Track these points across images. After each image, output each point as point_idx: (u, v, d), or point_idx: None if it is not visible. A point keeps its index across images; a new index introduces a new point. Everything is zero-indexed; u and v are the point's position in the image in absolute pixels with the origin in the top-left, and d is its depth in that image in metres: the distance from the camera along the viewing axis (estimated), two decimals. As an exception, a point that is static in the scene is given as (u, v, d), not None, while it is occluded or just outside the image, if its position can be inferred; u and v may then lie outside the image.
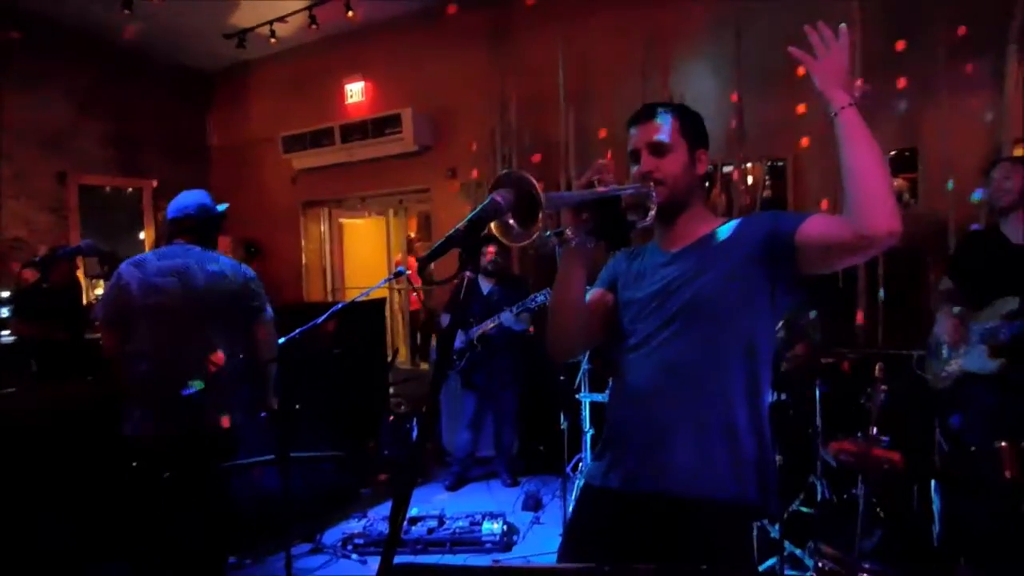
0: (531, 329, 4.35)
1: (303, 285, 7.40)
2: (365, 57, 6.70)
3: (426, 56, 6.27)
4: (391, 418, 5.03)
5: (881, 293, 4.36)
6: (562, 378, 3.48)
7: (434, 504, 4.19)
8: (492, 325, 4.32)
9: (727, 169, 4.90)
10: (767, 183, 4.94)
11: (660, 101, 1.70)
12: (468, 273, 1.18)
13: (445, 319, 4.73)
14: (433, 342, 5.55)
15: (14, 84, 6.21)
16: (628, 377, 1.65)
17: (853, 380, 3.61)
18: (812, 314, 3.45)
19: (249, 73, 7.50)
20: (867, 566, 1.13)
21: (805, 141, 4.62)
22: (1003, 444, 1.22)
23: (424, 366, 6.81)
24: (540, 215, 1.29)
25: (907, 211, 4.50)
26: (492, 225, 1.42)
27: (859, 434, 2.18)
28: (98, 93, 6.76)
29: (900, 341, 4.14)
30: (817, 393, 3.26)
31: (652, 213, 1.55)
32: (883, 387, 3.05)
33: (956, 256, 3.32)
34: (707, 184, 1.71)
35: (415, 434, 4.97)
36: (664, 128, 1.60)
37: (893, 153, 4.53)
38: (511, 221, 1.35)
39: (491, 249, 4.51)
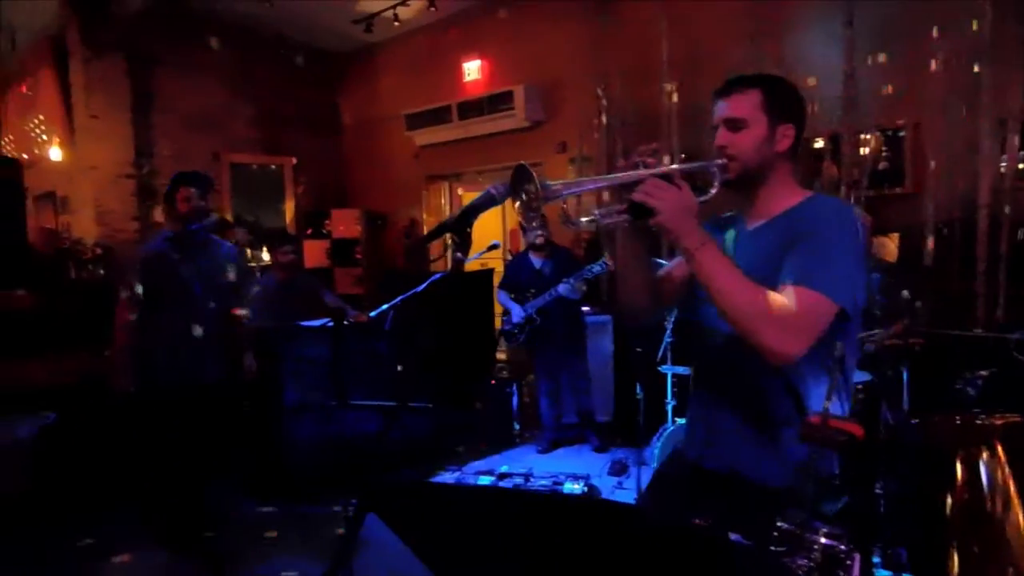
0: (584, 288, 4.51)
1: (429, 255, 7.83)
2: (480, 35, 6.94)
3: (536, 32, 6.40)
4: (493, 382, 5.34)
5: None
6: (639, 350, 3.58)
7: (524, 464, 4.45)
8: (550, 298, 4.52)
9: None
10: (884, 154, 4.68)
11: (754, 73, 1.63)
12: (459, 254, 1.35)
13: (501, 296, 4.93)
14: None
15: (174, 71, 7.05)
16: (702, 352, 1.71)
17: (953, 362, 3.44)
18: (904, 293, 3.31)
19: (376, 55, 7.98)
20: (819, 527, 1.22)
21: (924, 108, 4.34)
22: (941, 416, 1.22)
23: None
24: (538, 202, 1.41)
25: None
26: (516, 206, 1.55)
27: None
28: (245, 78, 7.50)
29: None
30: (904, 375, 3.15)
31: (713, 190, 1.57)
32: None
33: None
34: (794, 157, 1.63)
35: (515, 400, 5.26)
36: (743, 103, 1.56)
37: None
38: (527, 208, 1.47)
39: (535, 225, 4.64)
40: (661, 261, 1.83)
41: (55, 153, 7.21)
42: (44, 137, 7.40)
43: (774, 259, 1.48)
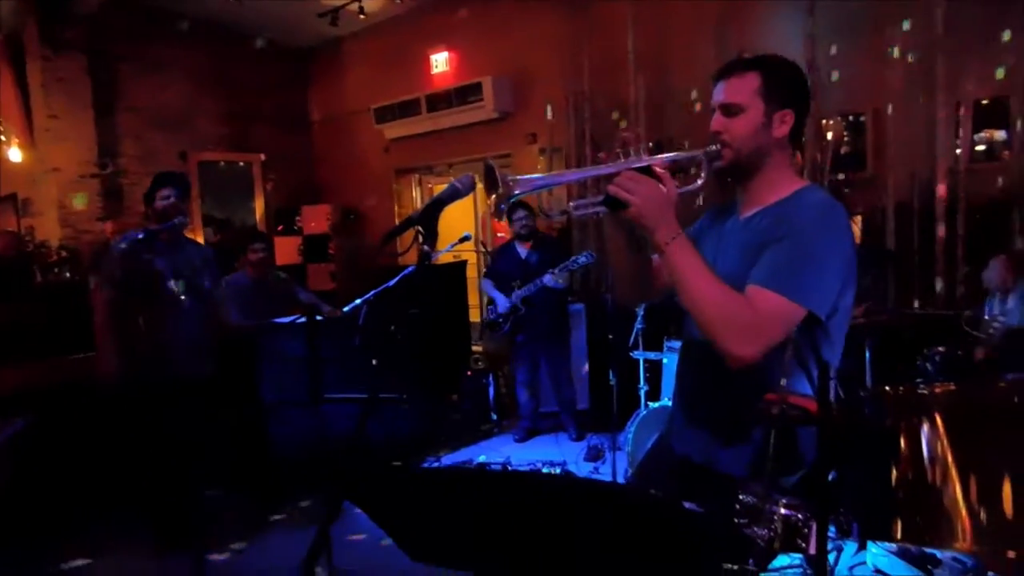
0: (568, 279, 4.58)
1: (397, 249, 7.83)
2: (448, 27, 6.93)
3: (505, 23, 6.42)
4: (469, 373, 5.38)
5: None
6: (611, 337, 3.65)
7: (502, 453, 4.50)
8: (535, 288, 4.56)
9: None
10: (846, 139, 4.80)
11: (755, 55, 1.54)
12: (426, 247, 1.37)
13: (487, 285, 4.97)
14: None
15: (138, 69, 6.95)
16: (684, 339, 1.72)
17: (913, 341, 3.56)
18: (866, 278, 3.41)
19: (343, 49, 7.93)
20: (779, 498, 1.28)
21: (884, 95, 4.46)
22: (887, 388, 1.29)
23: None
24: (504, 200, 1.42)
25: (999, 164, 4.26)
26: (491, 202, 1.54)
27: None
28: (212, 75, 7.41)
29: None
30: (867, 353, 3.25)
31: (700, 180, 1.53)
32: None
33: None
34: (793, 143, 1.57)
35: (491, 390, 5.31)
36: (740, 87, 1.50)
37: (986, 102, 4.29)
38: (500, 204, 1.49)
39: (521, 215, 4.70)
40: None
41: (15, 154, 7.06)
42: (3, 138, 7.24)
43: (754, 253, 1.46)
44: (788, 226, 1.44)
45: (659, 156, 1.48)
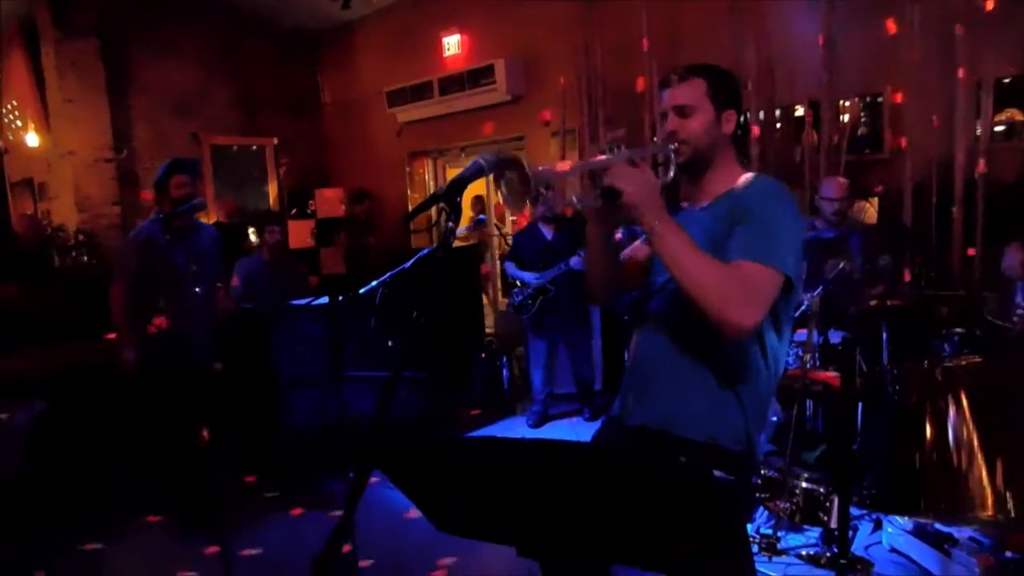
0: None
1: (410, 231, 7.83)
2: (459, 9, 6.89)
3: (516, 5, 6.37)
4: (483, 355, 5.40)
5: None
6: (626, 317, 3.64)
7: (516, 434, 4.52)
8: (562, 271, 4.55)
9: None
10: (863, 119, 4.75)
11: (695, 64, 1.73)
12: (450, 224, 1.38)
13: (509, 267, 4.94)
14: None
15: (151, 53, 6.96)
16: (642, 322, 1.81)
17: (930, 322, 3.54)
18: (884, 260, 3.40)
19: (354, 32, 7.91)
20: (798, 471, 1.29)
21: (902, 74, 4.40)
22: (912, 364, 1.29)
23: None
24: (529, 187, 1.48)
25: (1020, 143, 4.21)
26: (500, 191, 1.61)
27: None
28: (223, 59, 7.42)
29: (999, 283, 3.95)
30: (884, 334, 3.24)
31: (671, 172, 1.67)
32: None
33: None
34: (739, 140, 1.78)
35: (505, 372, 5.33)
36: (690, 92, 1.66)
37: (1007, 81, 4.22)
38: (513, 191, 1.53)
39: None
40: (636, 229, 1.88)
41: (31, 139, 7.11)
42: (19, 123, 7.30)
43: (721, 236, 1.58)
44: (750, 208, 1.58)
45: (626, 152, 1.60)
